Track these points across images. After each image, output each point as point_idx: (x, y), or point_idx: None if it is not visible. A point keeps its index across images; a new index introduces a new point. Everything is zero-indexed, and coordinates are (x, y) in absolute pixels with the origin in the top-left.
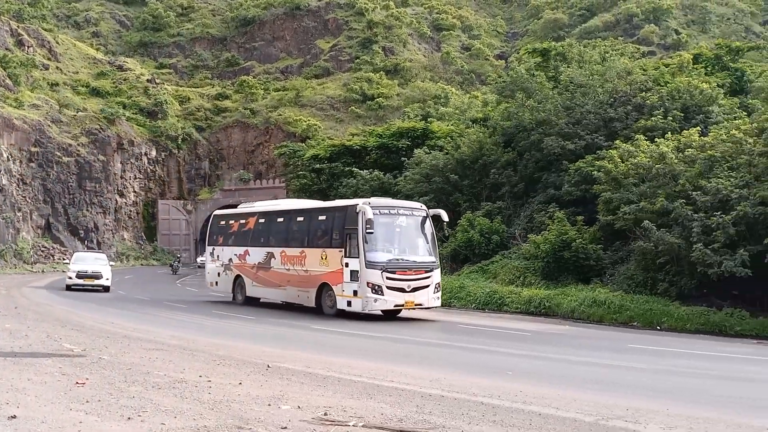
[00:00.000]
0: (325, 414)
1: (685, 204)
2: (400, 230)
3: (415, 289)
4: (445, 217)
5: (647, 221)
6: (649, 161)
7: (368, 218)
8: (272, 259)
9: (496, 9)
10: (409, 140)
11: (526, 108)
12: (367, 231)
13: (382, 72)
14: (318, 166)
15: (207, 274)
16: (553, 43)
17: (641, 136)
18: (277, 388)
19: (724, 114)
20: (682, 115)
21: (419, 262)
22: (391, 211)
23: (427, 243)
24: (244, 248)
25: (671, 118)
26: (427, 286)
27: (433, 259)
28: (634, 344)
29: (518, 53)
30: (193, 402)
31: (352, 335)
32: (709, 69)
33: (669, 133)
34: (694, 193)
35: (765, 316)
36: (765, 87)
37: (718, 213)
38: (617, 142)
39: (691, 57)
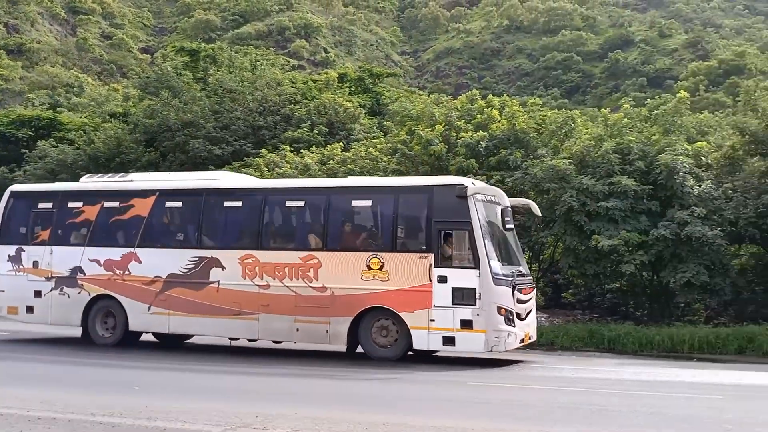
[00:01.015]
0: None
1: None
2: (506, 228)
3: (527, 315)
4: (536, 210)
5: None
6: (294, 172)
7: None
8: (213, 269)
9: (143, 0)
10: (32, 130)
11: (172, 107)
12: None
13: (2, 51)
14: None
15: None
16: (203, 44)
17: (288, 146)
18: None
19: (364, 132)
20: (327, 129)
21: (526, 275)
22: (494, 198)
23: (520, 248)
24: (125, 250)
25: (317, 132)
26: (532, 310)
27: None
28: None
29: (166, 50)
30: None
31: None
32: (352, 89)
33: (314, 146)
34: None
35: None
36: (399, 111)
37: None
38: (263, 150)
39: (337, 76)
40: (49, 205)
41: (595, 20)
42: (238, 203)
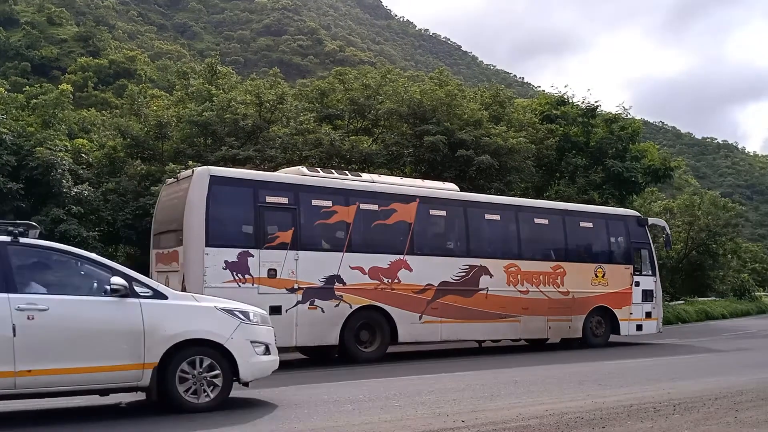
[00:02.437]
0: None
1: None
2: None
3: None
4: (667, 228)
5: None
6: None
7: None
8: (483, 277)
9: None
10: None
11: None
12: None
13: None
14: None
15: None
16: None
17: None
18: None
19: None
20: None
21: None
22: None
23: None
24: (393, 257)
25: None
26: None
27: None
28: None
29: None
30: None
31: None
32: None
33: None
34: None
35: None
36: None
37: None
38: None
39: None
40: (284, 200)
41: None
42: (497, 216)
